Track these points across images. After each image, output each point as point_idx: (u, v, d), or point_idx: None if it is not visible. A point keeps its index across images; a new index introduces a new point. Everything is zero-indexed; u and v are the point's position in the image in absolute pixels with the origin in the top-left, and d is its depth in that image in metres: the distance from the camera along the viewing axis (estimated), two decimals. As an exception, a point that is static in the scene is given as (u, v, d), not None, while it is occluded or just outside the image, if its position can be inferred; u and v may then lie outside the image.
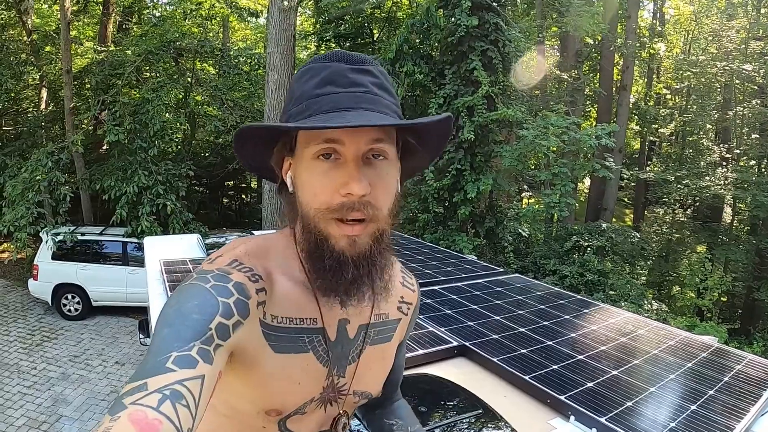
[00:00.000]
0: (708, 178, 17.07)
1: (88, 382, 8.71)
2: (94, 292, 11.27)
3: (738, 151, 18.32)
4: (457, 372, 2.86)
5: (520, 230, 13.00)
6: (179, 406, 0.72)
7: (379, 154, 0.98)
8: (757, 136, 18.08)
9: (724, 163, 18.02)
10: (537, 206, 12.60)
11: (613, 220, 16.99)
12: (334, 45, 16.57)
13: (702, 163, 18.44)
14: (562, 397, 2.51)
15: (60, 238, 11.00)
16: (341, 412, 1.18)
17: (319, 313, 1.08)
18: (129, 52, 13.79)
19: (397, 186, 1.04)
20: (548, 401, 2.55)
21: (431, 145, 1.13)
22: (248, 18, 18.12)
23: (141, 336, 5.42)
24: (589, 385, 2.67)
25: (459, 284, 4.43)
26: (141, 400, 0.71)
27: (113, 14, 15.93)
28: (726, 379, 2.86)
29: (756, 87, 17.61)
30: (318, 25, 16.86)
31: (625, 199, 25.35)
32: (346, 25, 15.70)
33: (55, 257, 11.11)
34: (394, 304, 1.25)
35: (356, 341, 1.16)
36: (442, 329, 3.30)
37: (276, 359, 1.01)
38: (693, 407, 2.51)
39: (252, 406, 1.05)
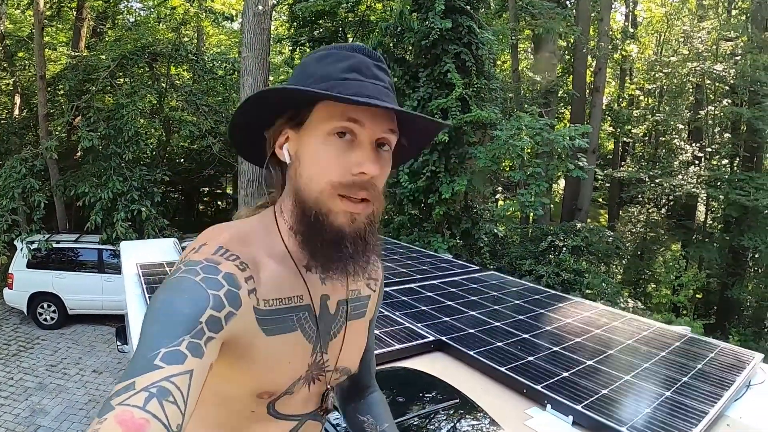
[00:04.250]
0: (681, 176, 17.28)
1: (65, 391, 8.62)
2: (70, 301, 11.14)
3: (710, 150, 18.53)
4: (434, 366, 2.89)
5: (495, 231, 13.06)
6: (166, 403, 0.73)
7: (385, 144, 1.04)
8: (729, 134, 18.35)
9: (697, 162, 18.25)
10: (512, 205, 12.67)
11: (588, 219, 17.10)
12: (308, 49, 16.52)
13: (675, 162, 18.65)
14: (539, 387, 2.55)
15: (35, 246, 10.87)
16: (328, 387, 1.21)
17: (305, 288, 1.10)
18: (103, 57, 13.68)
19: None
20: (525, 391, 2.59)
21: (416, 146, 1.20)
22: (223, 22, 18.05)
23: (119, 343, 5.39)
24: (565, 374, 2.72)
25: (435, 282, 4.48)
26: (128, 400, 0.71)
27: (87, 19, 15.77)
28: (699, 366, 2.92)
29: (727, 87, 17.84)
30: (292, 30, 16.82)
31: (600, 199, 25.51)
32: (321, 30, 15.67)
33: (30, 266, 10.97)
34: (364, 280, 1.29)
35: (337, 317, 1.19)
36: (419, 325, 3.33)
37: (268, 342, 1.03)
38: (668, 394, 2.56)
39: (243, 390, 1.06)
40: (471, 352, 2.93)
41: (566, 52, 18.90)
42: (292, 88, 1.01)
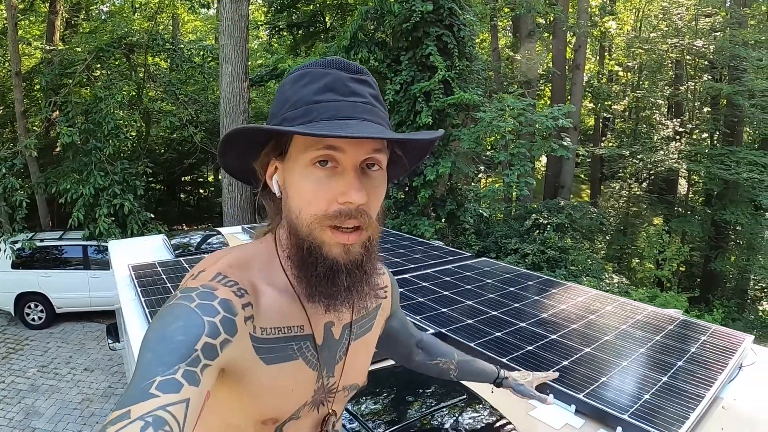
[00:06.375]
0: (662, 152, 17.38)
1: (58, 391, 8.55)
2: (57, 299, 11.01)
3: (690, 125, 18.66)
4: (437, 359, 2.91)
5: (480, 211, 13.11)
6: None
7: (374, 164, 0.99)
8: (709, 109, 18.46)
9: (677, 137, 18.36)
10: (497, 185, 12.72)
11: (571, 196, 17.20)
12: (286, 34, 16.45)
13: (655, 137, 18.76)
14: (541, 377, 2.58)
15: (18, 246, 10.73)
16: (330, 411, 1.19)
17: (306, 319, 1.08)
18: (79, 50, 13.49)
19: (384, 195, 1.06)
20: (527, 381, 2.62)
21: (414, 157, 1.16)
22: (199, 9, 17.85)
23: (109, 341, 5.36)
24: (564, 363, 2.76)
25: (429, 271, 4.50)
26: (123, 429, 0.70)
27: (61, 11, 15.51)
28: (693, 350, 2.96)
29: (706, 62, 17.93)
30: (270, 14, 16.69)
31: (582, 176, 25.66)
32: (299, 14, 15.57)
33: (14, 266, 10.81)
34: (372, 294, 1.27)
35: (342, 341, 1.17)
36: (418, 317, 3.35)
37: (268, 370, 1.01)
38: (664, 379, 2.60)
39: (248, 418, 1.05)
40: (472, 344, 2.96)
41: (545, 30, 18.90)
42: (253, 127, 0.97)
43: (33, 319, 11.01)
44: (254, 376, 1.00)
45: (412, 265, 4.64)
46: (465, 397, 2.31)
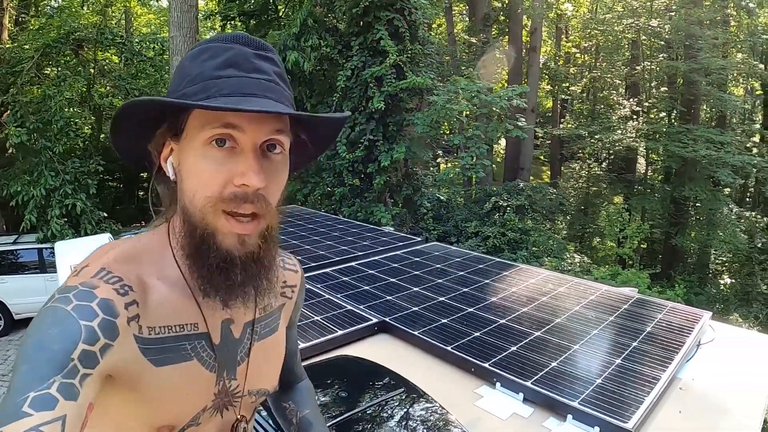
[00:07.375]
0: (620, 131, 17.57)
1: (20, 401, 8.40)
2: (14, 305, 10.79)
3: (648, 104, 18.87)
4: (378, 349, 2.82)
5: (438, 195, 13.11)
6: None
7: (275, 145, 0.92)
8: (666, 88, 18.68)
9: (635, 117, 18.56)
10: (453, 169, 12.74)
11: (531, 178, 17.34)
12: (239, 23, 16.20)
13: (613, 117, 18.95)
14: (487, 365, 2.50)
15: (-29, 252, 10.52)
16: (239, 417, 1.11)
17: (200, 316, 0.99)
18: (26, 47, 13.22)
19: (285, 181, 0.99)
20: (473, 370, 2.53)
21: (320, 142, 1.09)
22: (150, 2, 17.56)
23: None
24: (513, 349, 2.67)
25: (377, 258, 4.40)
26: None
27: (8, 9, 15.15)
28: (649, 329, 2.91)
29: (662, 42, 18.14)
30: (222, 4, 16.42)
31: (542, 157, 25.90)
32: (251, 3, 15.33)
33: (-31, 273, 10.61)
34: (277, 290, 1.19)
35: (243, 340, 1.08)
36: (361, 306, 3.25)
37: (158, 373, 0.92)
38: (618, 361, 2.53)
39: (142, 425, 0.96)
40: (416, 332, 2.87)
41: (501, 14, 18.93)
42: (145, 100, 0.89)
43: (-9, 328, 10.78)
44: (144, 380, 0.91)
45: (360, 253, 4.53)
46: (403, 389, 2.23)
